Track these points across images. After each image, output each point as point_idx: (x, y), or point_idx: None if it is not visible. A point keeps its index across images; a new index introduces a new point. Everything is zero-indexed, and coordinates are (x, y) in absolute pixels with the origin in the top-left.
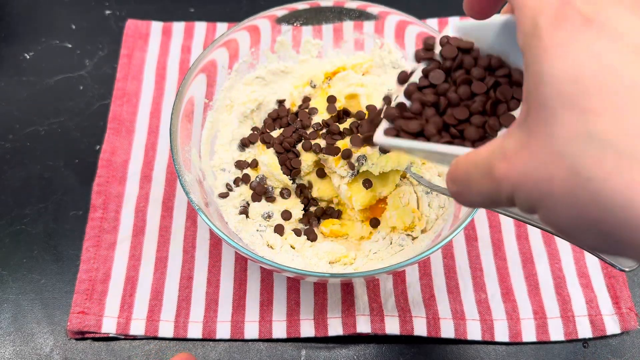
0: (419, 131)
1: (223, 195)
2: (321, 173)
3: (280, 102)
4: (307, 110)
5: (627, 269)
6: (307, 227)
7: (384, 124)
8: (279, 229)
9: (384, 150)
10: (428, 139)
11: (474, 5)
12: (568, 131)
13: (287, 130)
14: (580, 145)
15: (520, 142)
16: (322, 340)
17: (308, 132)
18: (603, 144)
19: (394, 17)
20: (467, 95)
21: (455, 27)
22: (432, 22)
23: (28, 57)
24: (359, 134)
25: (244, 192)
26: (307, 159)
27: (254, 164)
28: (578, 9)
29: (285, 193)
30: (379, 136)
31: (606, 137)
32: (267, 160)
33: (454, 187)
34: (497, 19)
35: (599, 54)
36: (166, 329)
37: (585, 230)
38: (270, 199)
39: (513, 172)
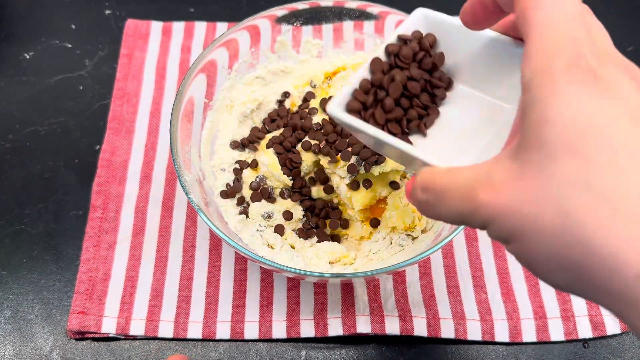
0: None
1: (224, 195)
2: (321, 173)
3: (280, 102)
4: (307, 110)
5: None
6: (316, 228)
7: (344, 97)
8: (279, 229)
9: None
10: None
11: (470, 17)
12: (567, 175)
13: (287, 130)
14: (576, 191)
15: (511, 174)
16: (322, 341)
17: (308, 132)
18: (600, 196)
19: (394, 17)
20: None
21: (424, 16)
22: None
23: (28, 57)
24: (349, 149)
25: (244, 192)
26: (307, 159)
27: (254, 164)
28: (589, 63)
29: (285, 193)
30: (334, 108)
31: (603, 190)
32: (267, 160)
33: (424, 196)
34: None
35: (607, 111)
36: (166, 329)
37: (558, 269)
38: (270, 199)
39: (499, 201)
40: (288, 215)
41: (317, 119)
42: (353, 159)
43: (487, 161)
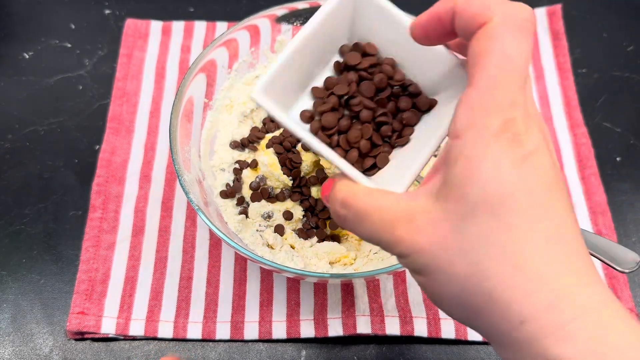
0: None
1: (223, 195)
2: (321, 173)
3: None
4: None
5: (627, 271)
6: (316, 228)
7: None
8: (280, 229)
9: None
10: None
11: (421, 31)
12: (482, 232)
13: (287, 130)
14: (488, 247)
15: (430, 216)
16: (322, 341)
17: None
18: (507, 254)
19: None
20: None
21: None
22: None
23: (27, 56)
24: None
25: (243, 192)
26: (307, 159)
27: (254, 164)
28: (517, 128)
29: (285, 193)
30: (260, 92)
31: (510, 249)
32: (267, 160)
33: (343, 212)
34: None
35: (524, 179)
36: (166, 330)
37: (459, 307)
38: (270, 199)
39: (417, 239)
40: (288, 215)
41: None
42: None
43: (409, 194)
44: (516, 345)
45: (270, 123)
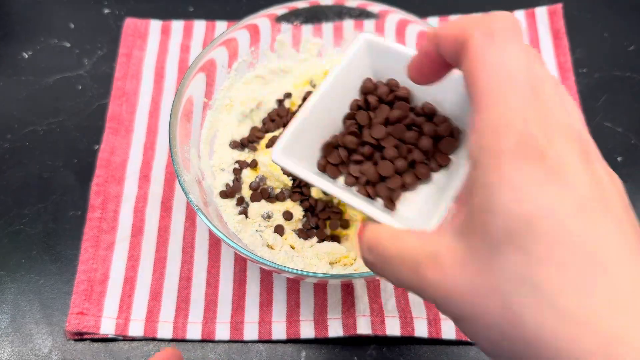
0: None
1: (223, 195)
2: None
3: (280, 102)
4: None
5: None
6: (316, 228)
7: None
8: (279, 229)
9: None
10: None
11: (416, 73)
12: (509, 270)
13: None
14: (518, 287)
15: (456, 257)
16: (322, 342)
17: None
18: (539, 292)
19: (395, 15)
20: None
21: (369, 44)
22: (433, 21)
23: (27, 56)
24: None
25: (243, 193)
26: None
27: (254, 164)
28: (537, 143)
29: (285, 193)
30: (278, 154)
31: (545, 287)
32: (267, 160)
33: (370, 257)
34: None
35: (551, 200)
36: (165, 330)
37: (503, 353)
38: (270, 199)
39: (445, 283)
40: (288, 216)
41: None
42: None
43: (433, 232)
44: None
45: (270, 123)
